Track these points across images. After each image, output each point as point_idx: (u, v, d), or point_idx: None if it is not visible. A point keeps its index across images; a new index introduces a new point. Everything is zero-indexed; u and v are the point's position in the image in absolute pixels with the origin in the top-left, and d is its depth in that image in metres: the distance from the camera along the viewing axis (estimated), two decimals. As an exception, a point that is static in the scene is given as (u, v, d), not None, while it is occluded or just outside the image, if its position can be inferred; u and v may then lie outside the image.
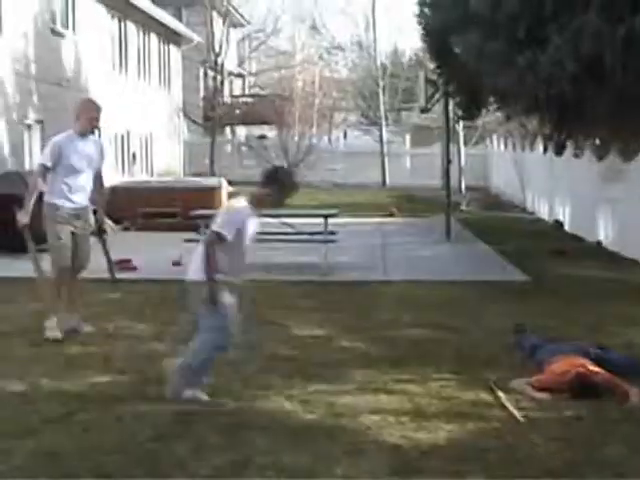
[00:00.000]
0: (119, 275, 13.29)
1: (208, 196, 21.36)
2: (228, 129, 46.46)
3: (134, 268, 14.11)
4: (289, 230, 14.68)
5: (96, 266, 14.03)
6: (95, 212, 9.80)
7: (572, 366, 7.33)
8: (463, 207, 27.57)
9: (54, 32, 20.39)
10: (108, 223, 10.06)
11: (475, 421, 6.55)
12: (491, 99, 18.06)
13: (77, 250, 9.53)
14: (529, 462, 5.73)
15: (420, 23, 18.04)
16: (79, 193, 9.35)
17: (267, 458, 5.71)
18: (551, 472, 5.56)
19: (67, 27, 21.26)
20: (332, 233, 14.04)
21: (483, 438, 6.18)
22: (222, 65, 37.65)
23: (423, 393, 7.25)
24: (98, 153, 9.61)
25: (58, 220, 9.25)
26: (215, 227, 6.93)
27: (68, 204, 9.26)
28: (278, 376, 7.71)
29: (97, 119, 9.71)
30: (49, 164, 9.15)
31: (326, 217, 14.20)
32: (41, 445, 5.95)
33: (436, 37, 16.50)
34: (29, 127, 19.45)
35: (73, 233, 9.41)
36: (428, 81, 20.31)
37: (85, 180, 9.40)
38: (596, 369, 7.35)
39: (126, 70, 25.69)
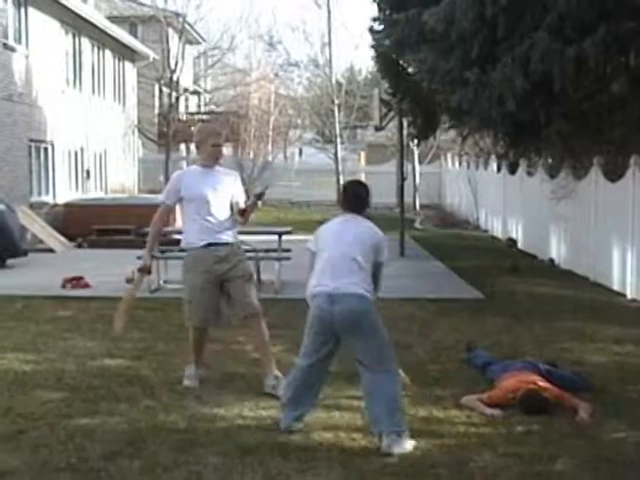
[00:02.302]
0: (70, 293, 13.29)
1: (162, 213, 21.26)
2: (183, 146, 46.30)
3: (87, 285, 14.00)
4: (245, 247, 14.62)
5: (47, 282, 14.07)
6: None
7: (522, 382, 7.39)
8: (417, 224, 27.68)
9: (6, 46, 20.19)
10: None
11: (427, 437, 6.55)
12: (445, 117, 18.19)
13: (230, 299, 7.98)
14: (479, 477, 5.76)
15: (373, 42, 18.15)
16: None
17: (218, 476, 5.68)
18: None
19: (19, 42, 21.06)
20: (286, 250, 14.03)
21: (435, 454, 6.20)
22: (177, 82, 37.46)
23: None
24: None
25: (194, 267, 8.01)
26: None
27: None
28: (230, 393, 7.69)
29: (217, 145, 8.14)
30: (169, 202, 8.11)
31: (280, 235, 14.21)
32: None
33: (390, 56, 16.59)
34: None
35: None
36: (382, 100, 20.40)
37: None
38: (546, 385, 7.41)
39: (80, 86, 25.51)
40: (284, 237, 14.26)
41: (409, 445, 6.21)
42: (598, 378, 8.40)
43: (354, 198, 6.96)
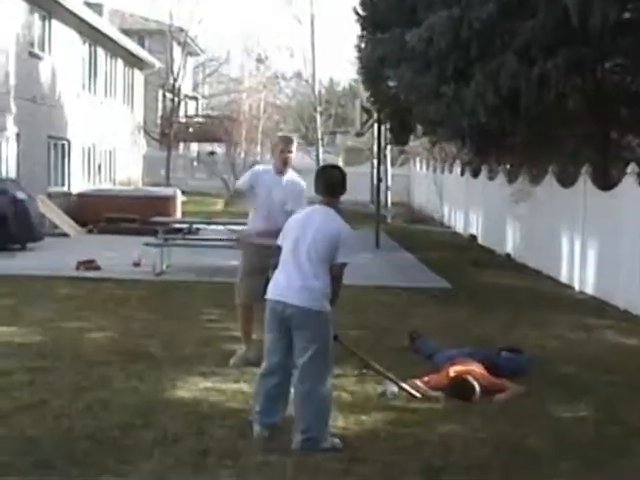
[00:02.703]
0: (83, 274, 13.08)
1: (164, 204, 21.18)
2: (182, 145, 46.05)
3: (98, 268, 13.78)
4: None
5: (63, 264, 13.84)
6: None
7: (458, 372, 7.17)
8: (389, 220, 27.53)
9: (32, 54, 20.00)
10: None
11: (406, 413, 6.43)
12: (419, 127, 18.09)
13: None
14: (460, 450, 5.62)
15: (358, 56, 18.04)
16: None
17: (223, 447, 5.50)
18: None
19: (44, 50, 20.87)
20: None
21: (419, 432, 6.05)
22: (179, 88, 37.27)
23: (359, 390, 7.09)
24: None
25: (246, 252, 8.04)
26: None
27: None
28: (232, 369, 7.50)
29: (285, 151, 7.84)
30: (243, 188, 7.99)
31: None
32: (14, 430, 5.69)
33: (372, 70, 16.45)
34: (7, 139, 19.04)
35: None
36: (363, 109, 20.28)
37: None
38: (482, 372, 7.19)
39: (94, 90, 25.27)
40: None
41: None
42: (556, 363, 8.34)
43: (328, 182, 5.97)
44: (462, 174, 24.58)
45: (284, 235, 5.91)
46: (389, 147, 31.67)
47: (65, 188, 22.61)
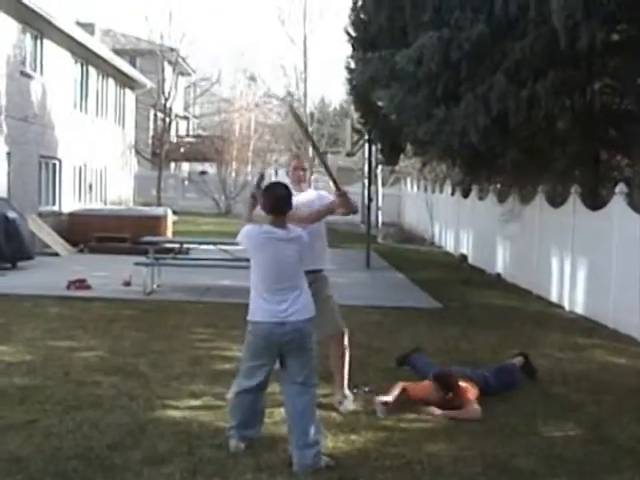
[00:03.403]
0: (74, 294, 13.07)
1: (155, 223, 21.19)
2: (173, 164, 46.13)
3: (89, 287, 13.77)
4: (228, 257, 14.48)
5: (53, 283, 13.83)
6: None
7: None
8: (380, 240, 27.60)
9: (23, 73, 20.03)
10: None
11: (391, 432, 6.44)
12: (410, 147, 18.16)
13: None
14: (448, 470, 5.63)
15: (348, 77, 18.13)
16: None
17: (213, 467, 5.51)
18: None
19: (35, 69, 20.91)
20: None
21: (405, 450, 6.07)
22: (170, 108, 37.38)
23: (349, 409, 7.10)
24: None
25: None
26: None
27: None
28: (222, 388, 7.45)
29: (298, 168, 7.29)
30: None
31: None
32: (4, 450, 5.69)
33: (363, 90, 16.53)
34: (-3, 158, 19.09)
35: None
36: (354, 129, 20.36)
37: None
38: (465, 385, 7.28)
39: (86, 109, 25.28)
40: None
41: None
42: (545, 382, 8.35)
43: (274, 201, 5.81)
44: (452, 194, 24.66)
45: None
46: (380, 167, 31.82)
47: (56, 207, 22.60)
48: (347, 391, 7.25)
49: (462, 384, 7.26)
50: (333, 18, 59.87)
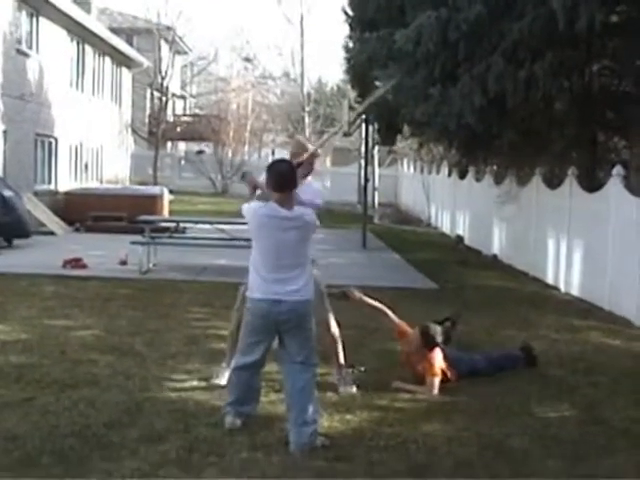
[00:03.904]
0: (70, 273, 13.07)
1: (151, 203, 21.14)
2: (170, 144, 46.04)
3: (85, 266, 13.76)
4: (224, 236, 14.48)
5: (49, 262, 13.83)
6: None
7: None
8: (376, 220, 27.59)
9: (19, 52, 19.95)
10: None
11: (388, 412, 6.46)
12: (407, 128, 18.12)
13: None
14: (443, 450, 5.66)
15: (346, 56, 18.07)
16: None
17: (208, 445, 5.52)
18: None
19: (31, 47, 20.83)
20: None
21: (402, 430, 6.08)
22: (167, 87, 37.31)
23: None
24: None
25: None
26: None
27: None
28: (218, 366, 7.46)
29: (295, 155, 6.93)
30: None
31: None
32: (0, 428, 5.70)
33: (360, 70, 16.48)
34: (-6, 136, 19.06)
35: None
36: (351, 109, 20.28)
37: None
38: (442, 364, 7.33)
39: (82, 88, 25.18)
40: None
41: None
42: (541, 363, 8.34)
43: (277, 178, 5.75)
44: (449, 175, 24.65)
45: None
46: (377, 148, 31.79)
47: (52, 186, 22.56)
48: (345, 371, 7.25)
49: (438, 356, 7.28)
50: (331, -2, 59.63)
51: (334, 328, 7.26)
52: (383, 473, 5.24)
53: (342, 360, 7.25)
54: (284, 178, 5.74)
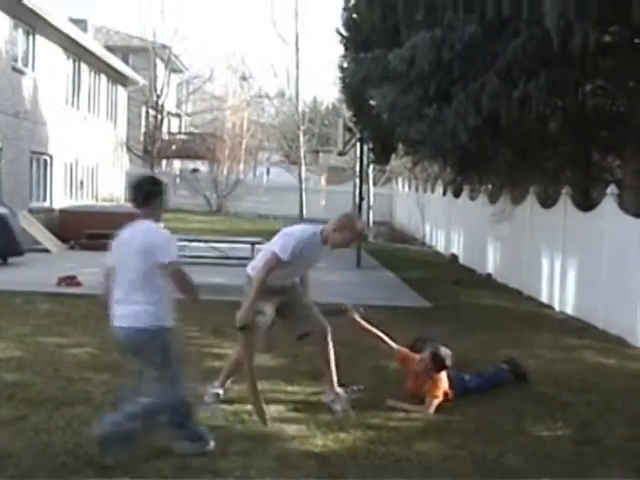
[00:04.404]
0: (64, 290, 13.04)
1: (146, 221, 21.05)
2: (165, 162, 46.07)
3: (79, 284, 13.75)
4: (218, 254, 14.50)
5: (44, 280, 13.80)
6: None
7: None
8: (371, 239, 27.60)
9: (15, 69, 20.00)
10: None
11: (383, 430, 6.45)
12: (401, 146, 18.17)
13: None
14: (438, 469, 5.65)
15: (341, 76, 18.13)
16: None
17: (204, 463, 5.51)
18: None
19: (27, 65, 20.88)
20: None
21: (394, 449, 6.08)
22: (162, 105, 37.42)
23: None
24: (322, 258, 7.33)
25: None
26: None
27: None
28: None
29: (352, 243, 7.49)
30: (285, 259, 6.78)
31: (253, 244, 14.07)
32: (-6, 446, 5.70)
33: (355, 89, 16.53)
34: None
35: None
36: (346, 128, 20.37)
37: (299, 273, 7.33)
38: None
39: (78, 105, 25.24)
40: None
41: None
42: (534, 381, 8.36)
43: (135, 192, 5.81)
44: (444, 194, 24.69)
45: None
46: (371, 166, 31.84)
47: (47, 204, 22.57)
48: (339, 389, 7.22)
49: (444, 378, 7.30)
50: (325, 18, 59.92)
51: (330, 347, 7.23)
52: (377, 492, 5.24)
53: (335, 378, 7.22)
54: (134, 192, 5.79)
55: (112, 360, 8.42)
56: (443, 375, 7.30)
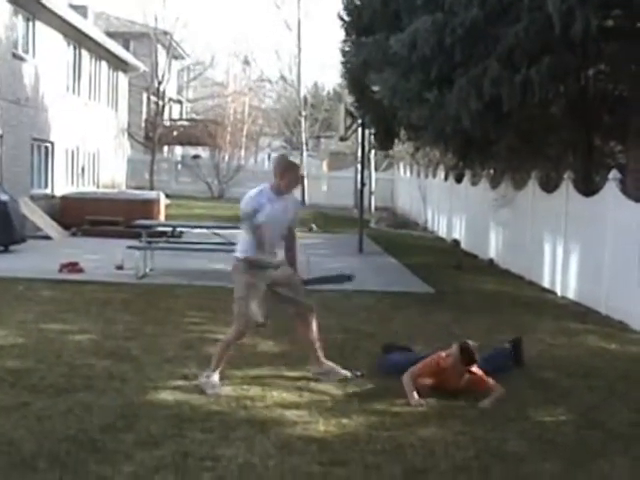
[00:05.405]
0: (66, 277, 13.05)
1: (148, 207, 21.15)
2: (166, 148, 46.04)
3: (81, 270, 13.75)
4: (221, 240, 14.48)
5: (45, 267, 13.81)
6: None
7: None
8: (372, 224, 27.59)
9: (15, 56, 19.95)
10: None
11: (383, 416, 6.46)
12: (403, 131, 18.12)
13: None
14: (440, 453, 5.65)
15: (342, 60, 18.08)
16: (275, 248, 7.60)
17: (204, 450, 5.51)
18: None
19: (27, 52, 20.82)
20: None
21: (399, 435, 6.08)
22: (163, 92, 37.30)
23: (341, 394, 7.12)
24: (293, 212, 7.63)
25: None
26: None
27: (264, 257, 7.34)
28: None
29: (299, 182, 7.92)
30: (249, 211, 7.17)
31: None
32: (-3, 432, 5.71)
33: (356, 74, 16.49)
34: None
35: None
36: (347, 113, 20.32)
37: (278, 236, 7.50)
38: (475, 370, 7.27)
39: (79, 92, 25.17)
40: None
41: None
42: (537, 367, 8.37)
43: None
44: (446, 179, 24.66)
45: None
46: (373, 152, 31.81)
47: (48, 190, 22.55)
48: (328, 362, 7.53)
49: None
50: (327, 2, 59.72)
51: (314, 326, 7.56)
52: (379, 477, 5.23)
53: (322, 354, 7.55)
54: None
55: (114, 346, 8.46)
56: (475, 368, 7.22)
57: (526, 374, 8.08)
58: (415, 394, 6.89)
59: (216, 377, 7.06)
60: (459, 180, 22.18)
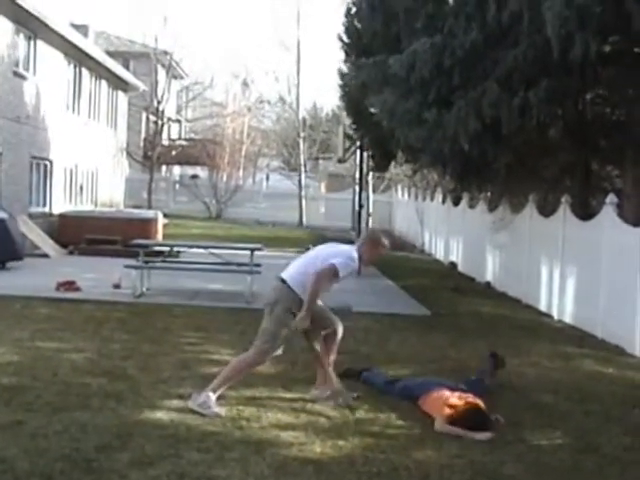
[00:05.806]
0: (63, 295, 13.02)
1: (145, 226, 21.13)
2: (164, 168, 46.10)
3: (78, 289, 13.72)
4: (218, 260, 14.47)
5: (43, 285, 13.78)
6: None
7: (462, 399, 7.12)
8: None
9: (16, 74, 19.99)
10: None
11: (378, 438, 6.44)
12: (400, 154, 18.17)
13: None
14: (435, 477, 5.62)
15: (341, 83, 18.15)
16: None
17: (199, 470, 5.48)
18: None
19: (28, 70, 20.86)
20: (257, 265, 13.82)
21: (392, 456, 6.06)
22: (162, 111, 37.39)
23: (337, 415, 7.08)
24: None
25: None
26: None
27: None
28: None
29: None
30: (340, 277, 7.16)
31: (252, 250, 14.01)
32: (-9, 451, 5.67)
33: (355, 96, 16.55)
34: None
35: None
36: (346, 135, 20.39)
37: None
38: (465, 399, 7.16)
39: (78, 111, 25.22)
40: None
41: None
42: (533, 390, 8.37)
43: None
44: (443, 202, 24.69)
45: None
46: (371, 174, 31.85)
47: (46, 209, 22.54)
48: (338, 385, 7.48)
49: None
50: (326, 24, 59.97)
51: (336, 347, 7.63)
52: (375, 500, 5.21)
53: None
54: None
55: (110, 365, 8.43)
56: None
57: (523, 397, 8.06)
58: (461, 430, 6.72)
59: (214, 398, 7.02)
60: (456, 203, 22.22)
